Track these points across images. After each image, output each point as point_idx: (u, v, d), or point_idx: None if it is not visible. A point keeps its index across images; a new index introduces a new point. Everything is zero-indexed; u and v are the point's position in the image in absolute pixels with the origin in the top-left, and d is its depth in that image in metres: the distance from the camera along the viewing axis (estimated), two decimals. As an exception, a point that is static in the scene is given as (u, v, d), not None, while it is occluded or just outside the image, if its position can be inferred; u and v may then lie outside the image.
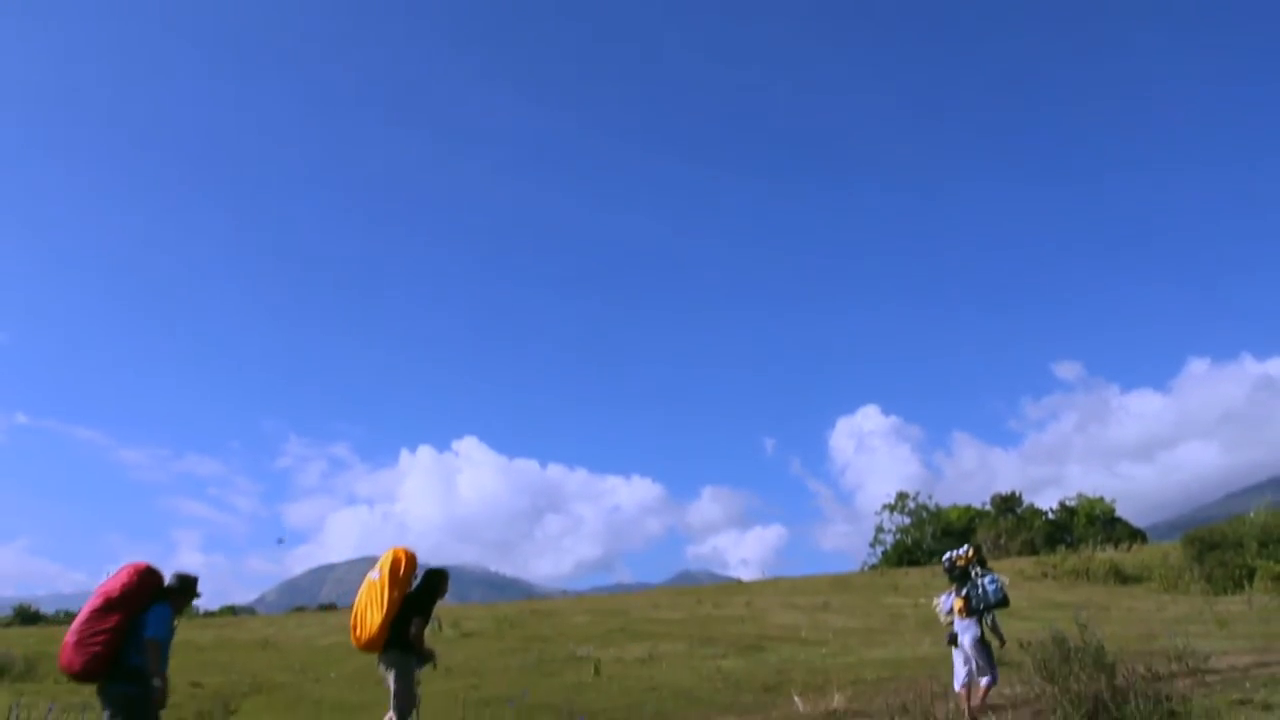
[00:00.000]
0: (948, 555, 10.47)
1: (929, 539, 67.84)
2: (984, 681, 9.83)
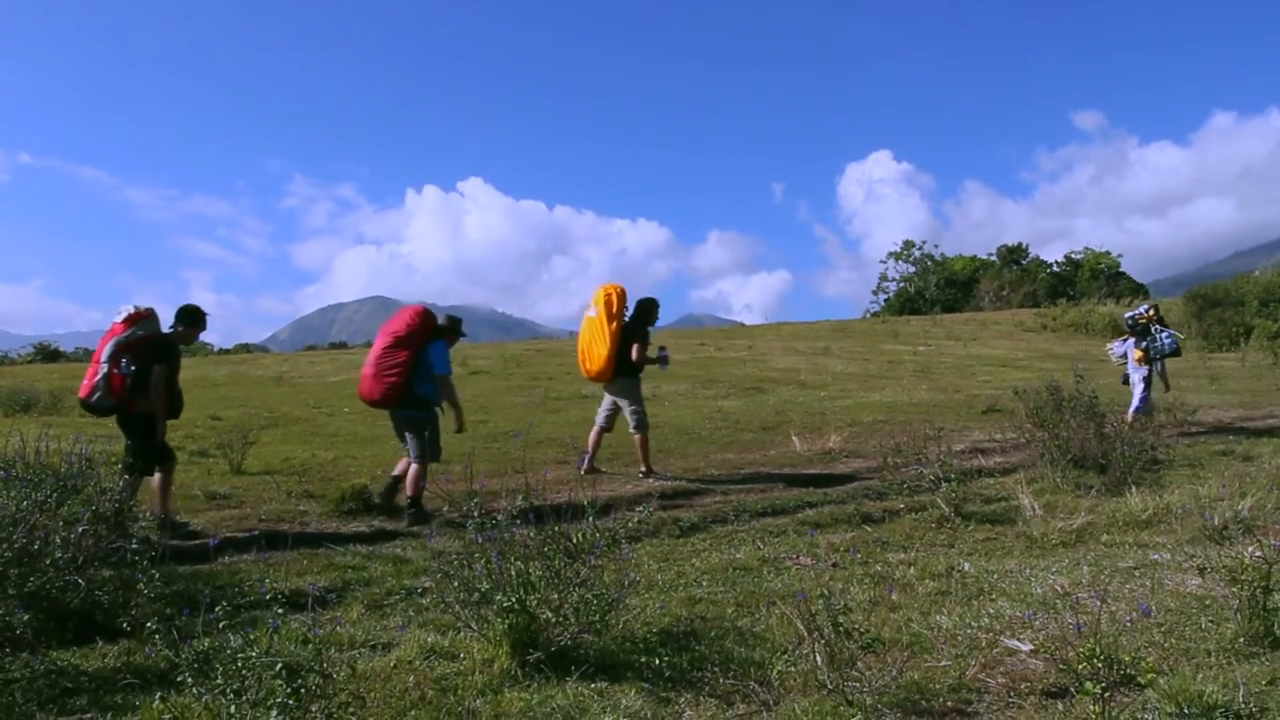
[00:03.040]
0: (1130, 314, 12.83)
1: (932, 288, 68.49)
2: (1134, 408, 11.83)
